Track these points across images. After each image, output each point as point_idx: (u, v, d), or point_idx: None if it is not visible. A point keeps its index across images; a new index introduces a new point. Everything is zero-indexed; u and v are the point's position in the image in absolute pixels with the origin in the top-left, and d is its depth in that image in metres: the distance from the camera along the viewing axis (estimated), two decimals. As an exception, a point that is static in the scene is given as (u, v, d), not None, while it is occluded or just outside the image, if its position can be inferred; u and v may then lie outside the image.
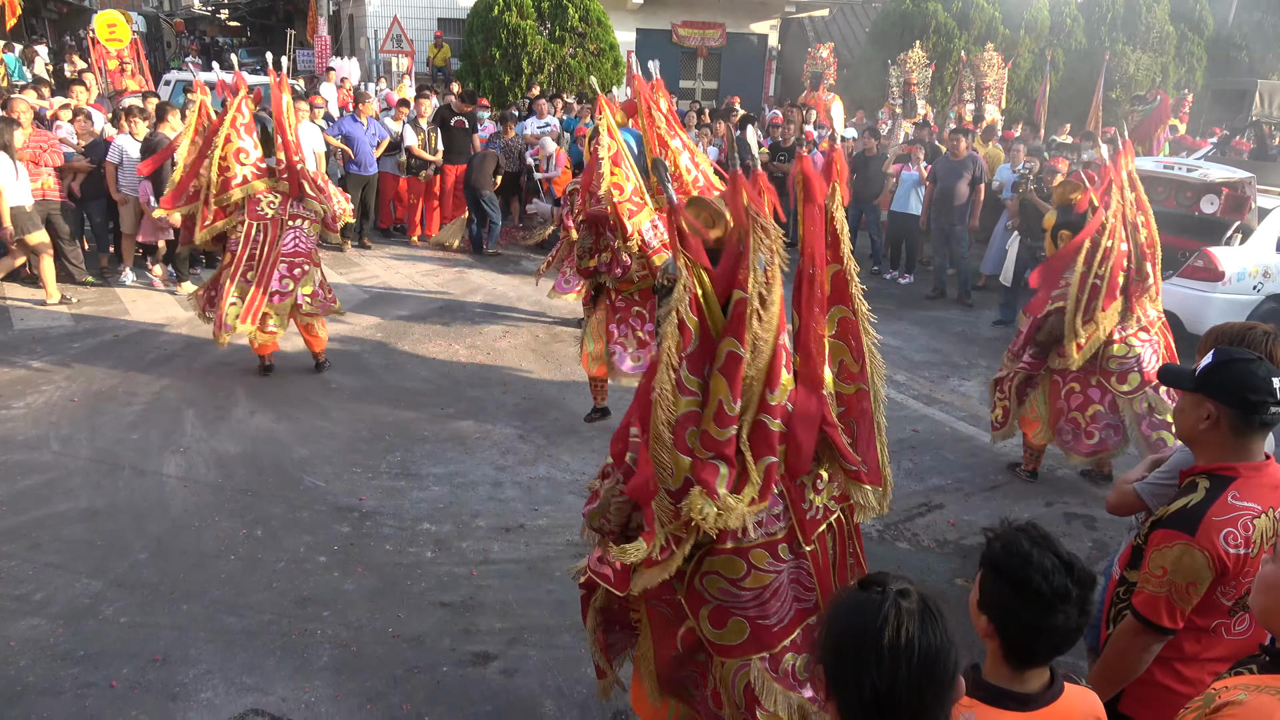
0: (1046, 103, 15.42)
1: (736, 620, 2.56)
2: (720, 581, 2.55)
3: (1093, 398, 5.42)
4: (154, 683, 3.70)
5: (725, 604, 2.57)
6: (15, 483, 5.20)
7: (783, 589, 2.58)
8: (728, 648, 2.59)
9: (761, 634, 2.57)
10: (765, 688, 2.58)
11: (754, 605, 2.55)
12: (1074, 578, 1.75)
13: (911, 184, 10.54)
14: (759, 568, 2.53)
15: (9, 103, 8.49)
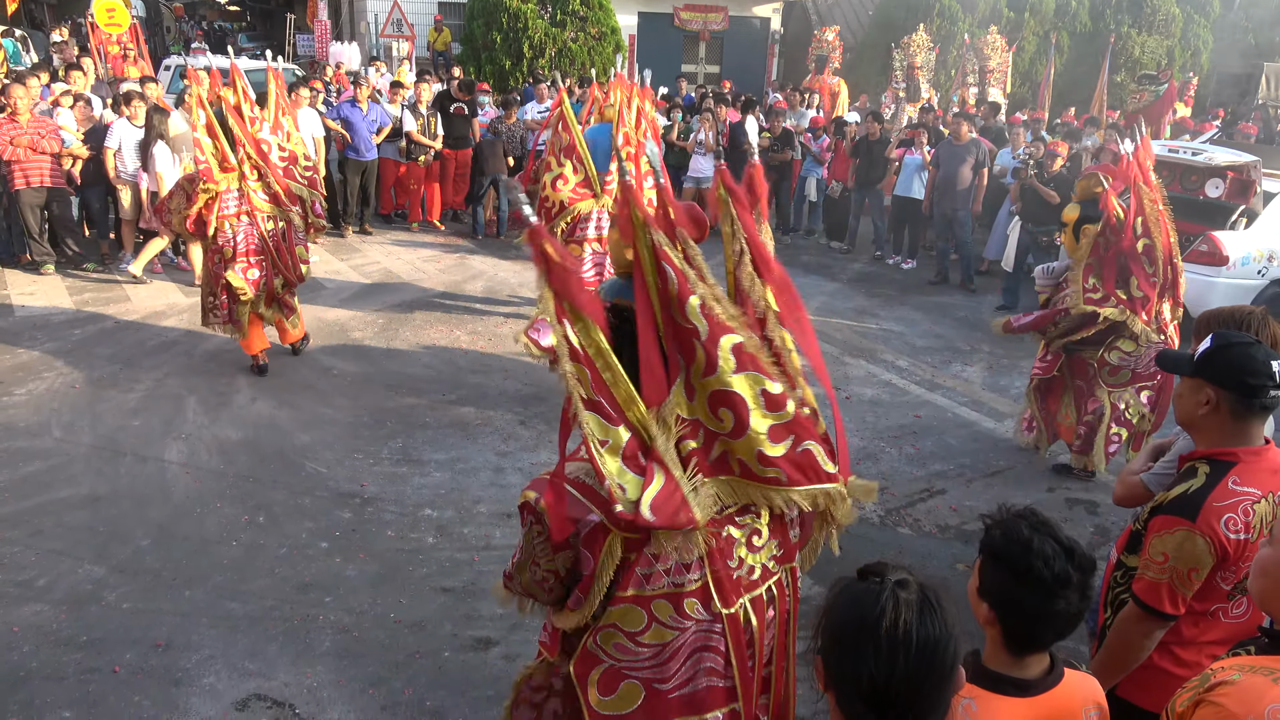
0: (1051, 86, 15.32)
1: (629, 684, 2.24)
2: (618, 636, 2.23)
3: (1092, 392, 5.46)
4: (157, 668, 3.71)
5: (620, 664, 2.24)
6: (17, 469, 5.21)
7: (684, 651, 2.24)
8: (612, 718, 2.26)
9: (656, 701, 2.24)
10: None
11: (651, 665, 2.23)
12: (1075, 563, 1.75)
13: (914, 168, 10.49)
14: (661, 621, 2.20)
15: (6, 90, 8.46)
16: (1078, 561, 1.75)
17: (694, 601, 2.21)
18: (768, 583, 2.34)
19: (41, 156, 8.40)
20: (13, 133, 8.21)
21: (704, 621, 2.23)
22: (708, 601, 2.23)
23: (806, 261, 11.16)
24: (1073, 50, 18.32)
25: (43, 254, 8.82)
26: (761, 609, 2.33)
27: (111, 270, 9.11)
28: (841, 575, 1.50)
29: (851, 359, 7.71)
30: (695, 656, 2.25)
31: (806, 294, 9.65)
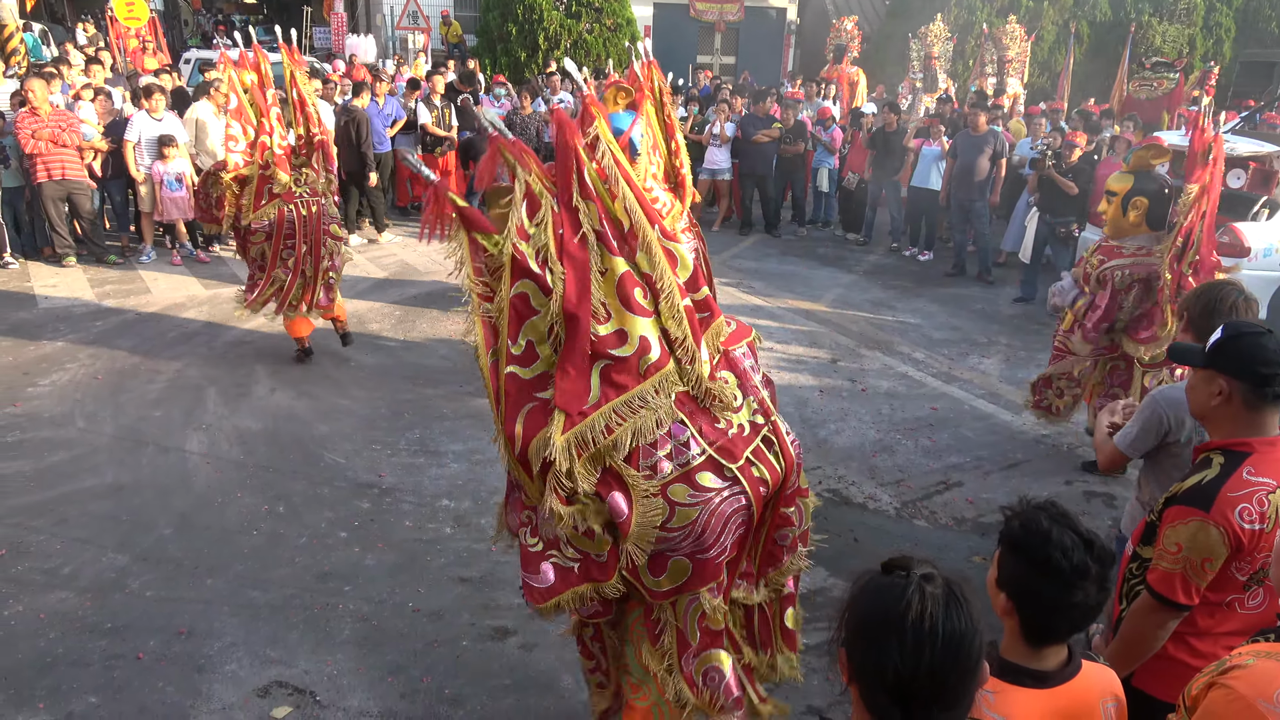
0: (1070, 76, 15.18)
1: (676, 561, 2.47)
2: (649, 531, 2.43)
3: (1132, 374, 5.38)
4: (180, 655, 3.77)
5: (660, 550, 2.45)
6: (43, 458, 5.29)
7: (715, 521, 2.43)
8: (675, 589, 2.50)
9: (704, 568, 2.47)
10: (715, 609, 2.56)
11: (689, 543, 2.44)
12: (1094, 555, 1.74)
13: (932, 159, 10.42)
14: (680, 503, 2.39)
15: (24, 84, 8.55)
16: (1096, 554, 1.75)
17: (706, 474, 2.41)
18: (761, 433, 2.59)
19: (63, 150, 8.48)
20: (34, 126, 8.29)
21: (723, 489, 2.43)
22: (719, 469, 2.44)
23: (822, 253, 11.12)
24: (1092, 39, 18.14)
25: (65, 246, 8.91)
26: (764, 457, 2.57)
27: (132, 262, 9.20)
28: (864, 569, 1.50)
29: (868, 351, 7.69)
30: (727, 525, 2.45)
31: (822, 286, 9.64)
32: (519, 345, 2.36)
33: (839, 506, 5.18)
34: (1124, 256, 5.25)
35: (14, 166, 8.66)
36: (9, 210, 8.85)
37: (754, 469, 2.53)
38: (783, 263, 10.57)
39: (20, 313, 7.61)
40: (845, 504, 5.21)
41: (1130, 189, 5.21)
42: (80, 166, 8.70)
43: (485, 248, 2.35)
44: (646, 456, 2.40)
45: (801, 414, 6.36)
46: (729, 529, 2.47)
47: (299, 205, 6.39)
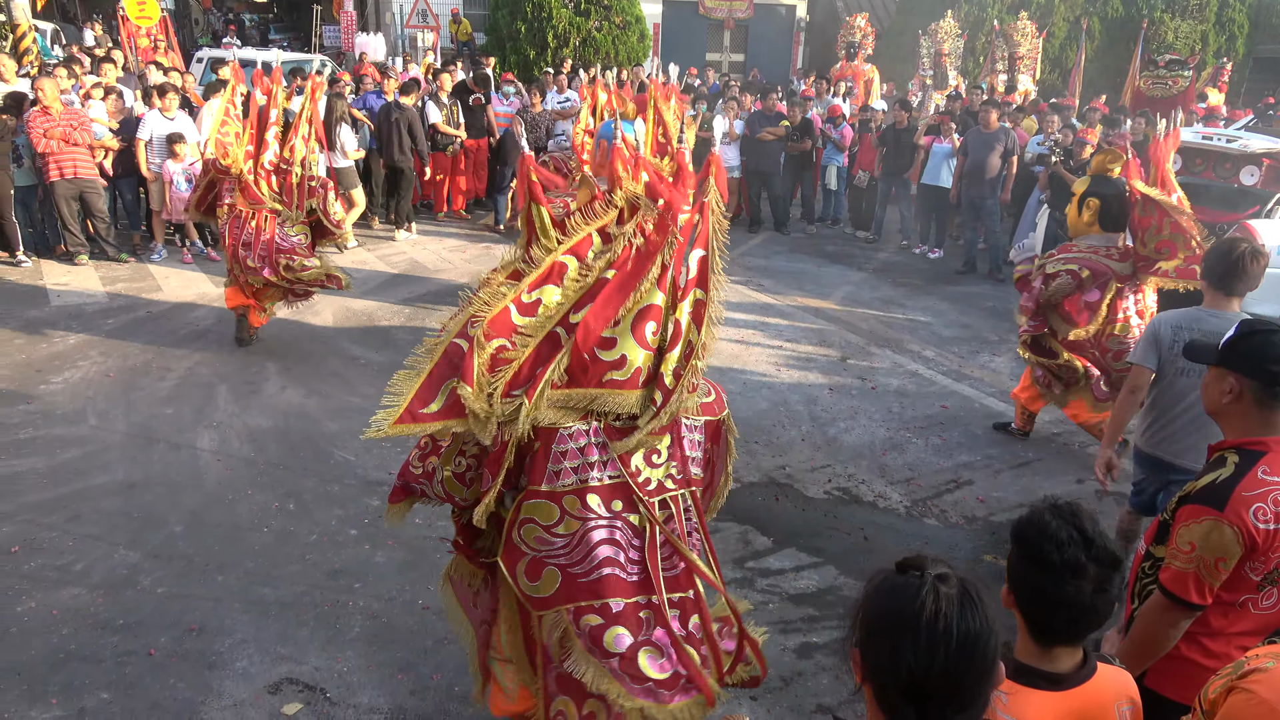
0: (1082, 73, 15.10)
1: (549, 571, 2.62)
2: (536, 529, 2.62)
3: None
4: (191, 652, 3.78)
5: (540, 554, 2.63)
6: (55, 455, 5.32)
7: (592, 543, 2.60)
8: (543, 600, 2.64)
9: (571, 585, 2.61)
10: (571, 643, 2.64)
11: (565, 553, 2.61)
12: (1091, 553, 1.73)
13: (942, 156, 10.39)
14: (570, 513, 2.60)
15: (34, 84, 8.59)
16: (1095, 553, 1.73)
17: (596, 498, 2.61)
18: (663, 495, 2.71)
19: (74, 148, 8.51)
20: (46, 125, 8.33)
21: (605, 519, 2.61)
22: (610, 500, 2.62)
23: (831, 251, 11.09)
24: (1104, 36, 18.03)
25: (77, 244, 8.95)
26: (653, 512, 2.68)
27: (143, 260, 9.24)
28: (877, 568, 1.49)
29: (877, 349, 7.67)
30: (600, 548, 2.60)
31: (832, 283, 9.62)
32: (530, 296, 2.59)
33: (848, 505, 5.17)
34: (1071, 252, 5.50)
35: (27, 165, 8.71)
36: (22, 209, 8.90)
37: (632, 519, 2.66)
38: (792, 260, 10.56)
39: (33, 310, 7.66)
40: (855, 502, 5.20)
41: (1086, 190, 5.50)
42: (92, 165, 8.74)
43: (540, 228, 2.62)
44: (556, 462, 2.61)
45: (811, 412, 6.35)
46: (597, 557, 2.60)
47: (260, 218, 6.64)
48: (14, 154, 8.59)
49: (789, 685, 3.73)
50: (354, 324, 7.71)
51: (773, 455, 5.70)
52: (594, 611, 2.61)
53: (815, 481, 5.40)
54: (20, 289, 8.19)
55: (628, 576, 2.65)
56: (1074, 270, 5.39)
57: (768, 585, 4.38)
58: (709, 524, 3.04)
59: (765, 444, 5.84)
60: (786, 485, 5.34)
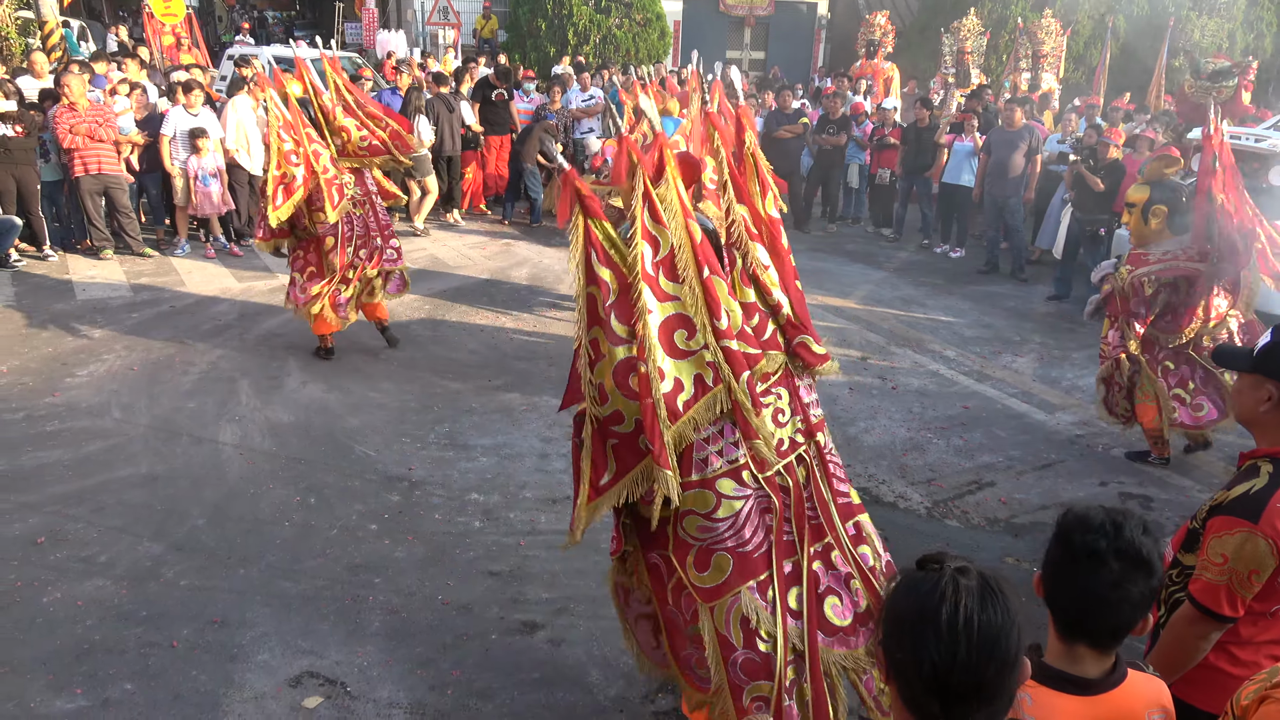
0: (1107, 71, 14.93)
1: (719, 557, 2.65)
2: (697, 519, 2.65)
3: (1185, 374, 5.44)
4: (213, 644, 3.81)
5: (706, 542, 2.66)
6: (80, 448, 5.37)
7: (752, 515, 2.67)
8: (715, 589, 2.65)
9: (744, 563, 2.65)
10: (760, 616, 2.66)
11: (731, 535, 2.65)
12: (1115, 545, 1.71)
13: (964, 155, 10.31)
14: (727, 495, 2.63)
15: (59, 80, 8.68)
16: (1119, 545, 1.70)
17: (748, 472, 2.66)
18: (797, 451, 2.81)
19: (100, 144, 8.60)
20: (72, 121, 8.42)
21: (756, 489, 2.67)
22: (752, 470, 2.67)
23: (852, 250, 11.04)
24: (1129, 34, 17.82)
25: (102, 239, 9.05)
26: (794, 471, 2.79)
27: (167, 255, 9.32)
28: (902, 568, 1.48)
29: (898, 348, 7.62)
30: (761, 518, 2.69)
31: (852, 282, 9.57)
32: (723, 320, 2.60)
33: (869, 505, 5.06)
34: (1151, 264, 5.38)
35: (53, 161, 8.81)
36: (48, 203, 9.01)
37: (778, 478, 2.75)
38: (812, 259, 10.50)
39: (59, 304, 7.74)
40: (875, 503, 5.17)
41: (1148, 199, 5.45)
42: (117, 161, 8.83)
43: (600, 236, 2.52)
44: (699, 450, 2.62)
45: (831, 411, 6.31)
46: (761, 526, 2.69)
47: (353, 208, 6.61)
48: (41, 149, 8.69)
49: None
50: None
51: (792, 454, 5.67)
52: (783, 582, 2.70)
53: (835, 481, 5.37)
54: (46, 283, 8.29)
55: (787, 537, 2.74)
56: (1170, 282, 5.33)
57: (787, 585, 4.36)
58: None
59: (785, 443, 5.81)
60: (806, 485, 5.32)
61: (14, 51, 12.89)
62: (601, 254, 2.51)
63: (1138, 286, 5.38)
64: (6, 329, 7.13)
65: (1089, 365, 7.42)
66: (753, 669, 2.66)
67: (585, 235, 2.50)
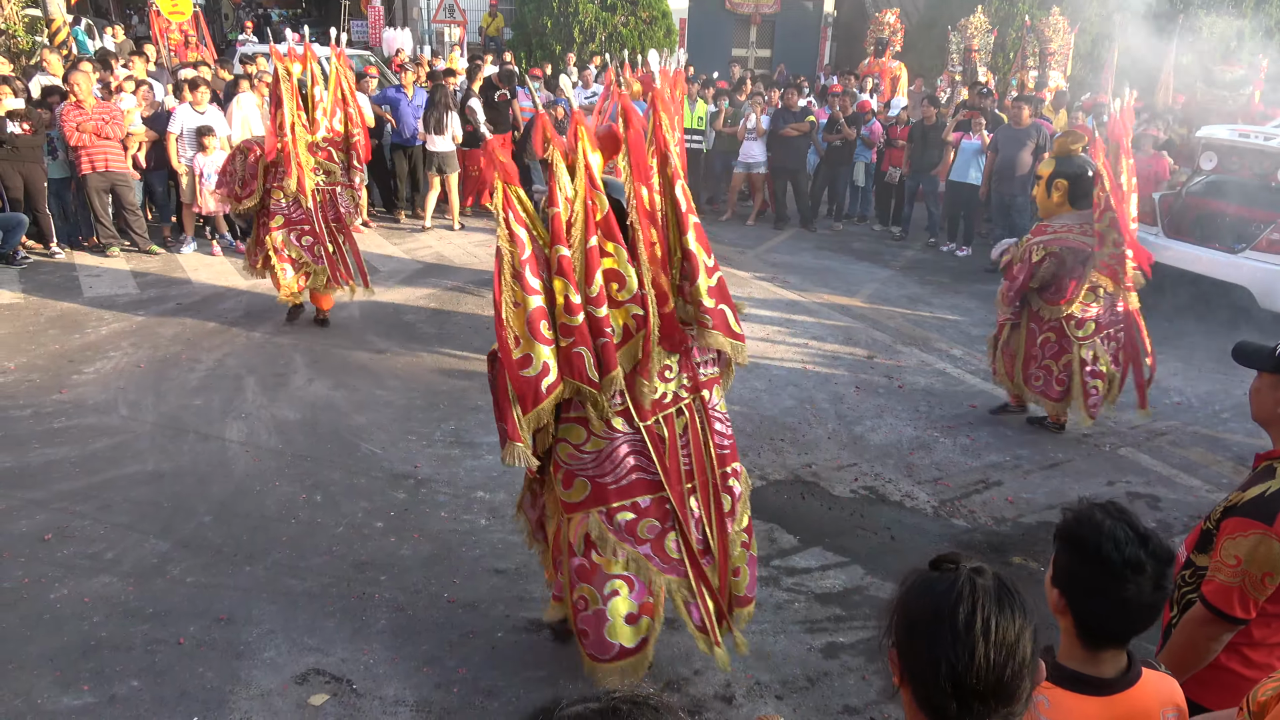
0: (1115, 70, 14.86)
1: (580, 481, 3.18)
2: (568, 447, 3.16)
3: (1065, 347, 5.69)
4: (219, 641, 3.81)
5: (572, 468, 3.18)
6: (87, 445, 5.38)
7: (617, 456, 3.14)
8: (573, 505, 3.20)
9: (599, 491, 3.16)
10: (602, 537, 3.20)
11: (594, 466, 3.15)
12: (1149, 550, 1.70)
13: (971, 153, 10.28)
14: (595, 434, 3.12)
15: (67, 78, 8.70)
16: (1152, 549, 1.70)
17: (619, 419, 3.11)
18: (678, 404, 3.25)
19: (106, 142, 8.62)
20: (79, 119, 8.43)
21: (629, 433, 3.14)
22: (630, 418, 3.12)
23: (858, 248, 11.01)
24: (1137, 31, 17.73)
25: (109, 237, 9.07)
26: (672, 422, 3.23)
27: (173, 253, 9.33)
28: (909, 568, 1.47)
29: (904, 347, 7.60)
30: (625, 460, 3.15)
31: (858, 281, 9.55)
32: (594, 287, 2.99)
33: (875, 504, 5.12)
34: (1046, 234, 5.66)
35: (60, 158, 8.83)
36: (55, 201, 9.03)
37: (656, 428, 3.18)
38: (818, 257, 10.49)
39: (66, 301, 7.76)
40: (882, 501, 5.16)
41: (1053, 172, 5.74)
42: (123, 158, 8.85)
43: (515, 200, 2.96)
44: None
45: (837, 410, 6.30)
46: (625, 468, 3.16)
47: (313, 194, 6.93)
48: (48, 147, 8.71)
49: (815, 685, 3.70)
50: (380, 318, 7.75)
51: (799, 453, 5.66)
52: (626, 509, 3.19)
53: (842, 480, 5.36)
54: (54, 280, 8.30)
55: (650, 477, 3.19)
56: (1055, 252, 5.58)
57: (793, 584, 4.35)
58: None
59: (791, 442, 5.80)
60: (813, 483, 5.31)
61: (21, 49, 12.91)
62: (518, 215, 2.96)
63: (1026, 253, 5.67)
64: (14, 326, 7.15)
65: (1096, 364, 7.40)
66: (584, 573, 3.22)
67: (504, 199, 2.95)
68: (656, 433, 3.16)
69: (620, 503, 3.17)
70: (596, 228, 2.99)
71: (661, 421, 3.18)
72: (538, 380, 2.95)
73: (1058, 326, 5.68)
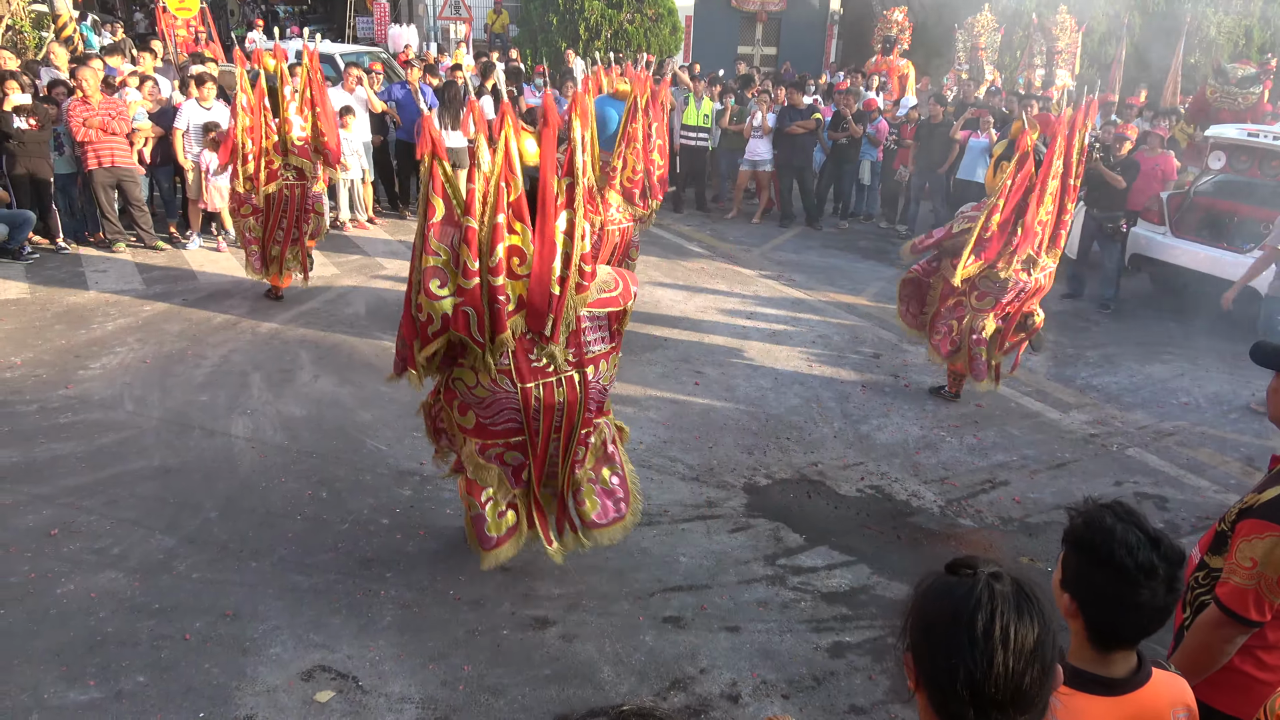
0: (1122, 69, 14.82)
1: (471, 412, 3.80)
2: (461, 385, 3.75)
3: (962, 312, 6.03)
4: (225, 636, 3.81)
5: (465, 400, 3.78)
6: (93, 440, 5.38)
7: (500, 405, 3.73)
8: (466, 430, 3.86)
9: (482, 427, 3.80)
10: (473, 461, 3.87)
11: (482, 406, 3.75)
12: (1160, 553, 1.68)
13: (979, 151, 10.23)
14: (481, 384, 3.67)
15: (75, 73, 8.71)
16: (1164, 552, 1.69)
17: (503, 377, 3.67)
18: (559, 375, 3.76)
19: (113, 137, 8.61)
20: (85, 114, 8.43)
21: (510, 391, 3.69)
22: (512, 378, 3.68)
23: (864, 247, 10.98)
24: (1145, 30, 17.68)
25: (115, 232, 9.07)
26: (551, 390, 3.76)
27: (179, 249, 9.34)
28: (928, 570, 1.45)
29: (910, 346, 7.57)
30: (506, 410, 3.75)
31: (864, 279, 9.53)
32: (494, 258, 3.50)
33: (881, 503, 5.11)
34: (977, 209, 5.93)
35: (67, 154, 8.83)
36: (62, 196, 9.03)
37: (533, 390, 3.73)
38: (824, 256, 10.47)
39: (72, 297, 7.76)
40: (888, 501, 5.14)
41: (1002, 153, 6.07)
42: (129, 154, 8.85)
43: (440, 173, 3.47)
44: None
45: (843, 409, 6.28)
46: (503, 415, 3.76)
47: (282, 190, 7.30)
48: (55, 142, 8.71)
49: (821, 685, 3.69)
50: (386, 314, 7.74)
51: (805, 452, 5.65)
52: (499, 446, 3.87)
53: (848, 479, 5.35)
54: (60, 275, 8.31)
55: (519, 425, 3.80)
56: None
57: (799, 583, 4.34)
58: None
59: (797, 440, 5.79)
60: (818, 482, 5.30)
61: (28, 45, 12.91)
62: (438, 186, 3.47)
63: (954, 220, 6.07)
64: (20, 321, 7.16)
65: (1103, 364, 7.38)
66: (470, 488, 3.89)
67: (430, 170, 3.45)
68: (533, 394, 3.72)
69: (494, 441, 3.84)
70: (508, 207, 3.48)
71: (540, 387, 3.73)
72: (424, 326, 3.56)
73: (961, 291, 5.96)
